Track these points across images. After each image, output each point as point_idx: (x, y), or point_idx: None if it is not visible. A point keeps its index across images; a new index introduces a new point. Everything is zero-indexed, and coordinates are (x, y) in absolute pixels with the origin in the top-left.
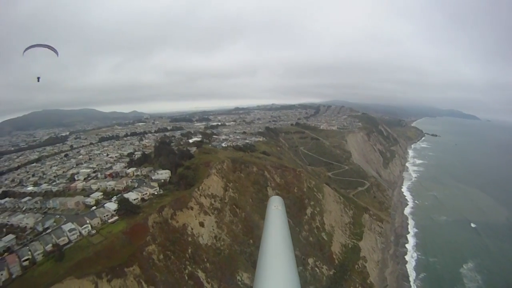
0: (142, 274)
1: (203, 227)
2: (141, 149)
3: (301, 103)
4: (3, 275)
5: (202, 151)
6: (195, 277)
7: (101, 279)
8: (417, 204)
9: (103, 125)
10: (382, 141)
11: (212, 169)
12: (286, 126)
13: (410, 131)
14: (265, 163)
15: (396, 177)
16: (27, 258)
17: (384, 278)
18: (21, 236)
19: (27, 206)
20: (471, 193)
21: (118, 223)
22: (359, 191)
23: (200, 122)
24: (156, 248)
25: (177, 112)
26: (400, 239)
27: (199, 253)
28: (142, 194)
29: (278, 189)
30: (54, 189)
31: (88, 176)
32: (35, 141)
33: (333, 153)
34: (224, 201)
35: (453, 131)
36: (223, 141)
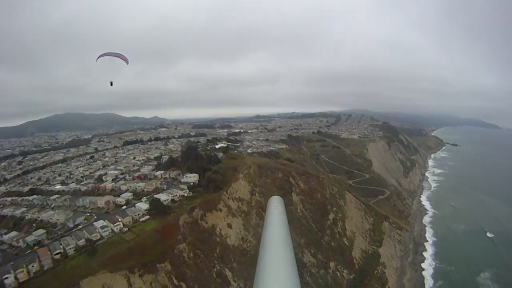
0: (173, 270)
1: (231, 229)
2: (168, 153)
3: (321, 112)
4: (34, 266)
5: (229, 157)
6: (223, 276)
7: (133, 274)
8: (436, 213)
9: (124, 129)
10: (403, 150)
11: (239, 173)
12: (307, 134)
13: (430, 140)
14: (289, 169)
15: (415, 186)
16: (59, 251)
17: (402, 285)
18: (51, 231)
19: (56, 203)
20: (490, 203)
21: (149, 222)
22: (379, 200)
23: (222, 129)
24: (186, 246)
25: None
26: (418, 247)
27: (226, 253)
28: (172, 196)
29: (302, 194)
30: (83, 189)
31: (116, 177)
32: (58, 143)
33: (354, 161)
34: (250, 204)
35: (473, 141)
36: (248, 147)
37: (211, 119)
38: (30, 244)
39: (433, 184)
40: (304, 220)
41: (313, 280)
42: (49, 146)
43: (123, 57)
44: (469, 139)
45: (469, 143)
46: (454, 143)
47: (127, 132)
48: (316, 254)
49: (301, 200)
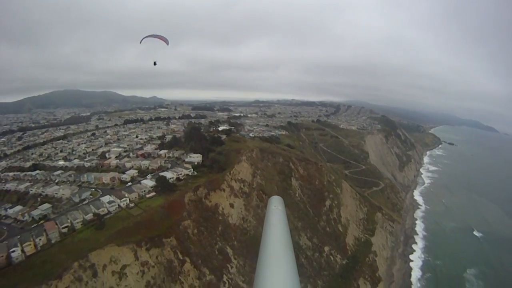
0: (178, 245)
1: (233, 208)
2: (170, 133)
3: (321, 101)
4: (41, 240)
5: (231, 139)
6: (224, 253)
7: (140, 248)
8: (427, 209)
9: (123, 108)
10: (400, 144)
11: (242, 156)
12: (307, 122)
13: (428, 137)
14: (290, 155)
15: (410, 181)
16: (66, 225)
17: (392, 274)
18: (57, 205)
19: (60, 178)
20: (481, 204)
21: (155, 198)
22: (374, 191)
23: (222, 112)
24: (191, 223)
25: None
26: (409, 240)
27: (228, 231)
28: (177, 174)
29: (301, 180)
30: (87, 165)
31: (119, 155)
32: (56, 120)
33: (351, 152)
34: (252, 186)
35: (470, 142)
36: (250, 131)
37: (210, 101)
38: (36, 218)
39: (427, 181)
40: (302, 205)
41: (308, 262)
42: (48, 123)
43: (164, 38)
44: (466, 140)
45: (466, 144)
46: (451, 142)
47: (127, 111)
48: (312, 237)
49: (299, 185)
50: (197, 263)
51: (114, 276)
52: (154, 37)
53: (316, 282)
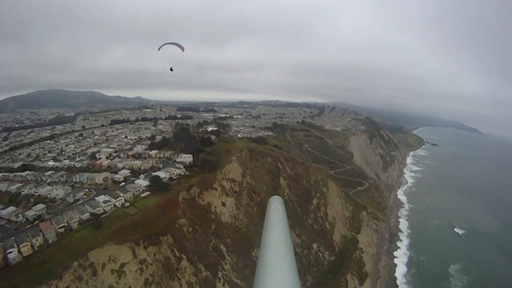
0: (174, 243)
1: (225, 207)
2: (159, 134)
3: (305, 102)
4: (38, 240)
5: (221, 140)
6: (218, 250)
7: (138, 246)
8: (411, 207)
9: (108, 108)
10: (383, 145)
11: (232, 156)
12: (292, 123)
13: (411, 138)
14: (277, 155)
15: (393, 181)
16: (63, 225)
17: (378, 270)
18: (51, 206)
19: (51, 179)
20: (462, 202)
21: (150, 198)
22: (359, 190)
23: (207, 113)
24: (186, 221)
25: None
26: (394, 237)
27: (221, 229)
28: (170, 174)
29: (289, 179)
30: (78, 165)
31: (110, 155)
32: (40, 120)
33: (336, 152)
34: (242, 185)
35: (453, 143)
36: (238, 132)
37: (195, 102)
38: (30, 219)
39: (410, 180)
40: (290, 203)
41: (298, 258)
42: (32, 123)
43: (179, 45)
44: (449, 141)
45: (449, 144)
46: (434, 143)
47: (112, 111)
48: (300, 235)
49: (287, 184)
50: (193, 260)
51: (114, 275)
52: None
53: (306, 277)
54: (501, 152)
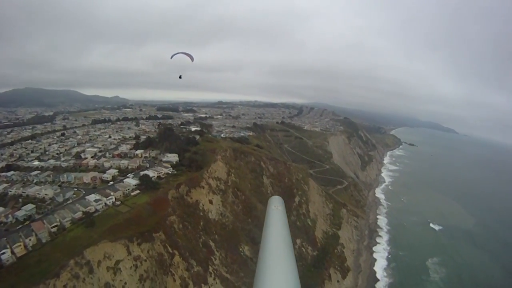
0: (167, 239)
1: (212, 204)
2: (142, 134)
3: (283, 102)
4: (31, 240)
5: (205, 139)
6: (208, 246)
7: (132, 243)
8: (389, 205)
9: (86, 108)
10: (362, 145)
11: (217, 155)
12: (271, 123)
13: (389, 138)
14: (260, 155)
15: (372, 179)
16: (56, 224)
17: (359, 265)
18: (40, 206)
19: (38, 179)
20: (437, 199)
21: (140, 196)
22: (338, 189)
23: (187, 113)
24: (176, 218)
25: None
26: (373, 233)
27: (209, 226)
28: (158, 173)
29: (271, 178)
30: (64, 165)
31: (95, 155)
32: (18, 119)
33: (315, 152)
34: (227, 184)
35: (430, 143)
36: (221, 132)
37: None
38: (21, 219)
39: (388, 179)
40: None
41: None
42: (10, 122)
43: (190, 55)
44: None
45: (426, 144)
46: (411, 143)
47: (91, 111)
48: None
49: (271, 182)
50: (185, 256)
51: (109, 272)
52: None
53: None
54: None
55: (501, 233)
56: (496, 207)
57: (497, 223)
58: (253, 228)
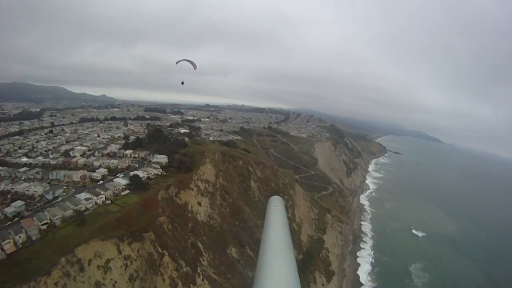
0: (156, 239)
1: (200, 206)
2: (131, 134)
3: (270, 107)
4: (21, 237)
5: (194, 142)
6: (196, 247)
7: (122, 242)
8: (373, 211)
9: (73, 105)
10: (347, 152)
11: (206, 158)
12: (258, 128)
13: (374, 146)
14: (248, 159)
15: (356, 186)
16: (46, 222)
17: (344, 269)
18: (29, 203)
19: (26, 175)
20: (420, 206)
21: (130, 196)
22: (323, 195)
23: (175, 115)
24: (166, 219)
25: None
26: (357, 239)
27: (197, 227)
28: (148, 173)
29: (259, 182)
30: (53, 162)
31: (84, 153)
32: (5, 114)
33: (301, 158)
34: (215, 186)
35: (415, 151)
36: (209, 135)
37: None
38: (10, 216)
39: (372, 186)
40: (260, 204)
41: None
42: None
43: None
44: (411, 149)
45: (411, 153)
46: (397, 151)
47: (79, 108)
48: None
49: (258, 186)
50: (175, 256)
51: (100, 270)
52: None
53: None
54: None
55: (483, 239)
56: (478, 214)
57: (479, 229)
58: (240, 231)
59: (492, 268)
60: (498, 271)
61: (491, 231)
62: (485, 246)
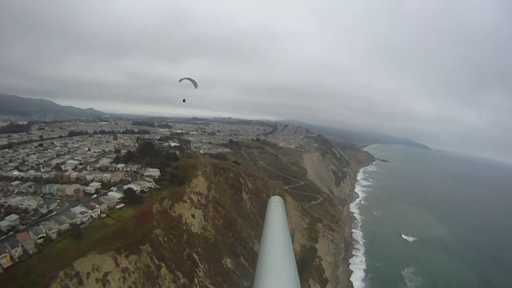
0: (153, 251)
1: (194, 218)
2: (122, 148)
3: (257, 119)
4: (17, 251)
5: (185, 155)
6: (192, 258)
7: (120, 255)
8: (363, 219)
9: (61, 119)
10: (335, 162)
11: (198, 171)
12: (247, 140)
13: (362, 155)
14: (239, 171)
15: (346, 195)
16: (42, 236)
17: (337, 276)
18: (23, 216)
19: (19, 189)
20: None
21: (125, 209)
22: (313, 204)
23: (163, 128)
24: (161, 231)
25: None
26: (349, 246)
27: (192, 239)
28: (141, 187)
29: (250, 193)
30: (45, 176)
31: (75, 167)
32: None
33: (290, 169)
34: (208, 199)
35: (403, 158)
36: (199, 148)
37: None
38: (4, 230)
39: (361, 194)
40: (253, 215)
41: None
42: None
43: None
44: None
45: (399, 160)
46: (384, 159)
47: (67, 122)
48: None
49: (249, 198)
50: (171, 268)
51: (98, 283)
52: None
53: None
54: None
55: (472, 240)
56: (466, 216)
57: (467, 231)
58: (234, 242)
59: (483, 269)
60: (490, 272)
61: (481, 233)
62: (475, 246)
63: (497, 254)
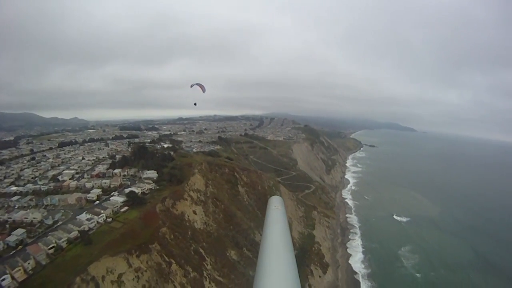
0: (162, 249)
1: (196, 215)
2: (116, 153)
3: (243, 115)
4: (30, 264)
5: (179, 155)
6: (199, 252)
7: (131, 255)
8: (356, 204)
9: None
10: (324, 150)
11: (194, 169)
12: (235, 136)
13: (350, 142)
14: (233, 166)
15: (337, 182)
16: (52, 246)
17: (337, 260)
18: (30, 230)
19: (20, 204)
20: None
21: (130, 212)
22: (306, 193)
23: (151, 131)
24: (167, 229)
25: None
26: (345, 231)
27: (196, 234)
28: (142, 189)
29: (246, 186)
30: (44, 188)
31: (73, 176)
32: None
33: (281, 161)
34: (206, 195)
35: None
36: (192, 147)
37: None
38: (12, 245)
39: (352, 180)
40: (250, 208)
41: None
42: None
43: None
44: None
45: (386, 144)
46: (372, 144)
47: (53, 133)
48: None
49: (246, 191)
50: (181, 263)
51: (114, 285)
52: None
53: None
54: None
55: (462, 217)
56: (454, 194)
57: (457, 208)
58: (235, 234)
59: (476, 243)
60: (483, 245)
61: (472, 210)
62: (465, 222)
63: (490, 231)
